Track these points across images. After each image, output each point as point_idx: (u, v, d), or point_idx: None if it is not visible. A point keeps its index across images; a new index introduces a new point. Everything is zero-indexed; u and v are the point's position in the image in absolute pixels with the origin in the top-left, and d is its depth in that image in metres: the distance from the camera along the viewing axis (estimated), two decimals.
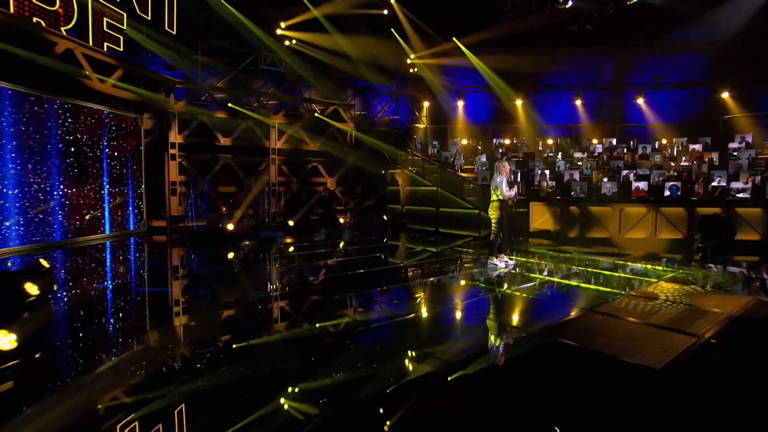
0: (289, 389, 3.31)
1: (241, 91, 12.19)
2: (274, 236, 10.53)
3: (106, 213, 9.54)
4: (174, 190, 10.86)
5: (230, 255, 8.82)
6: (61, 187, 8.38)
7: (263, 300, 5.90)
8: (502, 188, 7.45)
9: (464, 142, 16.82)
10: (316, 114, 13.69)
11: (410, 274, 7.55)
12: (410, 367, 3.79)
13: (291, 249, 9.28)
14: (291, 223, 11.30)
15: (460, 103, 17.90)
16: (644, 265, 8.04)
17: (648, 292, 6.22)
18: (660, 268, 7.83)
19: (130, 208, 10.24)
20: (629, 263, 8.29)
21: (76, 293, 6.04)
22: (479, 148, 16.21)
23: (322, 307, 5.66)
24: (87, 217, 9.17)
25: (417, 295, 6.27)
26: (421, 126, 17.81)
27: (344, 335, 4.56)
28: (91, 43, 8.82)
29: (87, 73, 8.39)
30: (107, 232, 9.56)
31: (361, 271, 7.70)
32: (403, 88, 17.18)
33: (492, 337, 4.61)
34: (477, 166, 14.77)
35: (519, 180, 7.45)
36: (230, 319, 5.10)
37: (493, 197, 7.59)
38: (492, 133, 17.38)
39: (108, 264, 7.94)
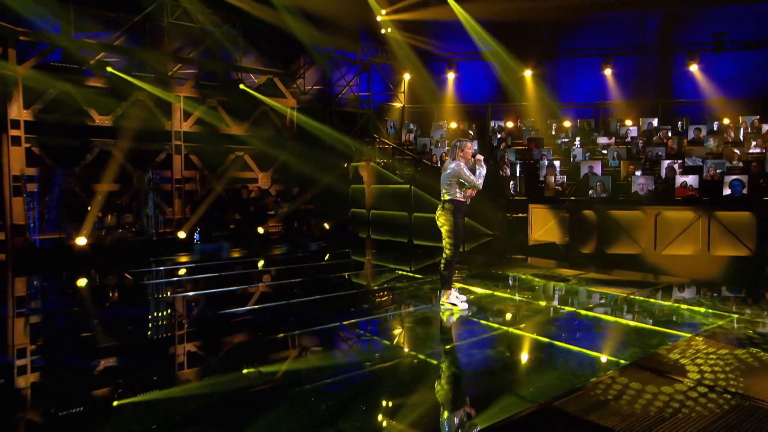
0: None
1: (128, 51, 10.27)
2: (151, 253, 8.56)
3: None
4: (18, 188, 9.00)
5: (76, 283, 6.88)
6: None
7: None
8: (467, 176, 5.29)
9: (453, 125, 14.65)
10: (241, 86, 11.72)
11: (303, 321, 5.44)
12: None
13: (137, 277, 7.24)
14: (182, 234, 9.32)
15: (450, 76, 15.75)
16: (677, 305, 5.72)
17: (667, 362, 3.95)
18: (702, 309, 5.51)
19: None
20: (653, 299, 6.01)
21: None
22: (471, 132, 14.01)
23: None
24: None
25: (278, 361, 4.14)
26: (398, 105, 15.70)
27: None
28: None
29: None
30: None
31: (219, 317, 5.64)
32: (374, 55, 15.11)
33: None
34: None
35: (484, 170, 5.23)
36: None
37: (445, 196, 5.43)
38: (492, 113, 15.18)
39: None
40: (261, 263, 8.42)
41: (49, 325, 5.38)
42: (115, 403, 3.34)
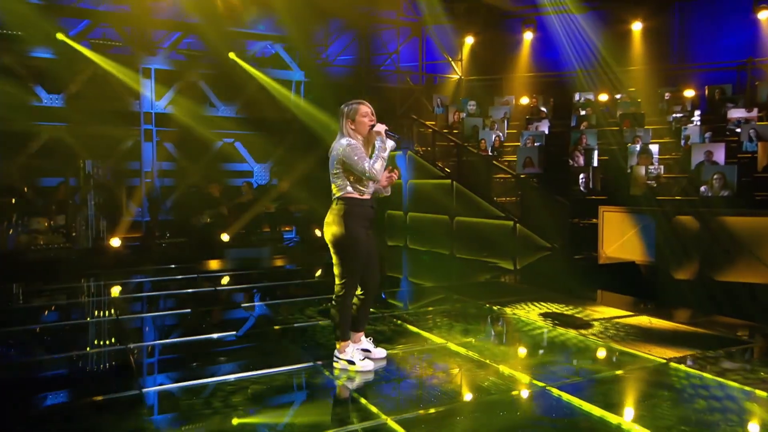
0: None
1: (83, 13, 9.52)
2: (68, 267, 7.59)
3: None
4: None
5: None
6: None
7: None
8: (355, 163, 3.56)
9: (524, 100, 12.33)
10: (231, 56, 10.63)
11: None
12: None
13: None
14: (116, 242, 8.28)
15: (527, 37, 13.36)
16: (751, 387, 3.26)
17: None
18: None
19: None
20: (712, 374, 3.57)
21: None
22: (543, 109, 11.59)
23: None
24: None
25: None
26: (454, 77, 13.69)
27: None
28: None
29: None
30: None
31: None
32: (421, 15, 13.27)
33: None
34: (523, 140, 10.30)
35: (388, 149, 3.47)
36: None
37: (335, 191, 3.70)
38: (581, 83, 12.55)
39: None
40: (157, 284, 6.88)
41: None
42: None
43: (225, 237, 8.91)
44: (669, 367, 3.72)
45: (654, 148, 8.89)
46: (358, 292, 3.81)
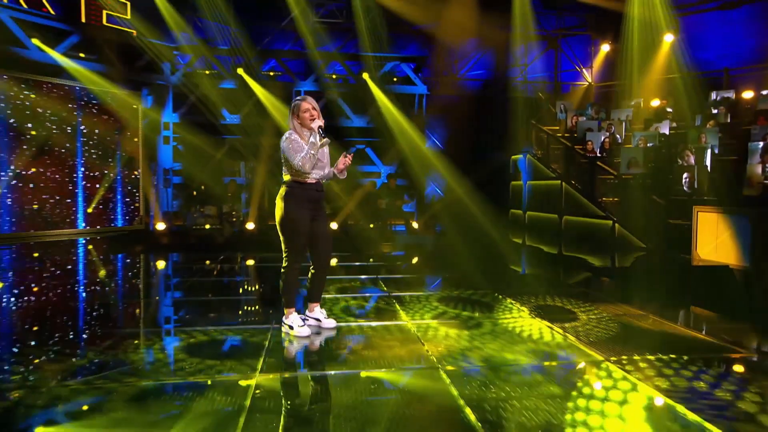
0: None
1: (251, 51, 10.76)
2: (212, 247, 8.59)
3: (80, 203, 9.75)
4: (167, 180, 10.51)
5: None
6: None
7: None
8: (288, 154, 3.67)
9: (654, 103, 10.44)
10: (363, 76, 10.99)
11: None
12: None
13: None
14: (250, 225, 9.00)
15: (668, 39, 11.29)
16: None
17: None
18: None
19: (119, 198, 10.32)
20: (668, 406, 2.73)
21: None
22: (670, 110, 9.65)
23: None
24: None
25: None
26: (584, 85, 12.17)
27: None
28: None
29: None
30: (80, 226, 9.74)
31: None
32: (565, 27, 12.05)
33: None
34: (635, 141, 8.77)
35: (317, 144, 3.59)
36: None
37: (283, 175, 3.85)
38: (727, 82, 10.18)
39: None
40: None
41: None
42: None
43: (333, 225, 9.26)
44: (599, 366, 2.85)
45: None
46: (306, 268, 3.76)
